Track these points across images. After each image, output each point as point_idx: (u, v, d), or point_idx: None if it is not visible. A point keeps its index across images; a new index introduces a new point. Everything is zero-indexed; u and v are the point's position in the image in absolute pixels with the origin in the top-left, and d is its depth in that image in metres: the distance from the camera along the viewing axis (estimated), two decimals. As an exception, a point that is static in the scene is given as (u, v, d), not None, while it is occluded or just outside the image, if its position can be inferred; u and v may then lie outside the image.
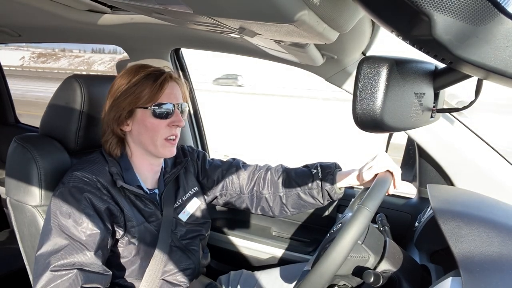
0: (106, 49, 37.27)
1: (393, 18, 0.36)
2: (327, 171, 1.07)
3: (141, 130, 0.97)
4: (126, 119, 0.97)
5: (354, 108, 0.49)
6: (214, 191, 1.20)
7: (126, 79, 0.96)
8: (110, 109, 0.97)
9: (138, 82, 0.95)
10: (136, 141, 1.01)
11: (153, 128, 0.96)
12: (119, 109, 0.96)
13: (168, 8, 0.56)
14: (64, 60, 34.34)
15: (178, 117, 0.99)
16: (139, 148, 1.01)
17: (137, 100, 0.95)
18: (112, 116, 0.97)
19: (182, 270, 1.08)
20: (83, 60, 34.94)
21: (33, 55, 35.70)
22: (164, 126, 0.97)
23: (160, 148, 0.99)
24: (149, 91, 0.94)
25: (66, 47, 35.77)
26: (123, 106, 0.95)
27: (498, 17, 0.32)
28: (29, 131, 2.20)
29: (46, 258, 0.85)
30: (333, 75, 1.21)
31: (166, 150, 1.00)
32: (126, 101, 0.95)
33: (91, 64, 34.56)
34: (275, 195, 1.13)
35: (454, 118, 1.12)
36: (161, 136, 0.98)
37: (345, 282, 0.83)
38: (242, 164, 1.21)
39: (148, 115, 0.96)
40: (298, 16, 0.45)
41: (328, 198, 1.08)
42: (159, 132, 0.97)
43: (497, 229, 0.75)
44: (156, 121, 0.96)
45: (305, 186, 1.09)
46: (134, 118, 0.97)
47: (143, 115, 0.96)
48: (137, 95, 0.94)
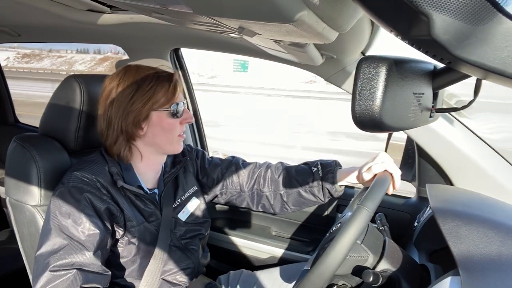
0: (91, 50, 37.60)
1: (392, 18, 0.36)
2: (327, 169, 1.08)
3: (157, 131, 0.99)
4: (142, 123, 0.98)
5: (353, 108, 0.49)
6: (214, 190, 1.20)
7: (132, 83, 0.96)
8: (125, 115, 0.96)
9: (153, 85, 0.96)
10: (149, 143, 1.01)
11: (170, 128, 1.00)
12: (138, 114, 0.96)
13: (168, 8, 0.56)
14: (47, 60, 34.54)
15: (188, 114, 1.04)
16: (150, 149, 1.02)
17: (155, 103, 0.96)
18: (130, 121, 0.96)
19: (182, 269, 1.08)
20: (65, 60, 35.19)
21: (17, 55, 35.70)
22: (178, 125, 1.01)
23: (176, 144, 1.03)
24: (165, 93, 0.97)
25: (53, 47, 35.89)
26: (141, 110, 0.96)
27: (497, 17, 0.32)
28: (28, 131, 2.20)
29: (46, 258, 0.85)
30: (333, 74, 1.21)
31: (180, 146, 1.05)
32: (145, 106, 0.95)
33: (72, 63, 34.83)
34: (276, 193, 1.14)
35: (453, 117, 1.12)
36: (175, 134, 1.01)
37: (345, 282, 0.83)
38: (241, 162, 1.22)
39: (165, 116, 0.98)
40: (298, 16, 0.45)
41: (329, 195, 1.09)
42: (175, 130, 1.01)
43: (496, 229, 0.75)
44: (172, 120, 0.99)
45: (305, 184, 1.09)
46: (149, 121, 0.98)
47: (159, 116, 0.98)
48: (155, 99, 0.96)
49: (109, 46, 31.51)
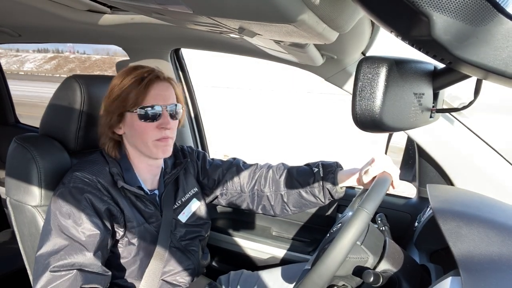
0: (50, 49, 37.95)
1: (393, 18, 0.36)
2: (328, 170, 1.07)
3: (132, 133, 0.97)
4: (117, 123, 0.97)
5: (353, 108, 0.49)
6: (215, 191, 1.20)
7: (118, 82, 0.96)
8: (104, 113, 0.98)
9: (126, 85, 0.94)
10: (130, 143, 1.01)
11: (141, 131, 0.95)
12: (109, 113, 0.96)
13: (168, 8, 0.56)
14: (4, 59, 35.11)
15: (166, 120, 0.96)
16: (135, 150, 1.01)
17: (124, 103, 0.94)
18: (103, 120, 0.97)
19: (182, 270, 1.08)
20: (18, 59, 35.72)
21: (-24, 54, 36.27)
22: (153, 129, 0.95)
23: (153, 148, 0.97)
24: (134, 94, 0.93)
25: (21, 47, 36.19)
26: (112, 110, 0.95)
27: (498, 17, 0.32)
28: (29, 131, 2.20)
29: (46, 259, 0.85)
30: (333, 75, 1.21)
31: (159, 151, 0.98)
32: (114, 105, 0.95)
33: (24, 62, 35.55)
34: (277, 193, 1.13)
35: (454, 118, 1.12)
36: (150, 138, 0.96)
37: (345, 283, 0.83)
38: (242, 163, 1.22)
39: (135, 119, 0.95)
40: (298, 16, 0.45)
41: (330, 197, 1.08)
42: (148, 134, 0.95)
43: (496, 229, 0.75)
44: (143, 124, 0.95)
45: (306, 184, 1.08)
46: (125, 122, 0.97)
47: (131, 118, 0.95)
48: (123, 98, 0.94)
49: (67, 46, 31.76)
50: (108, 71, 31.91)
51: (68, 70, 32.88)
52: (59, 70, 32.32)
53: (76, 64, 34.94)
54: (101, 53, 36.86)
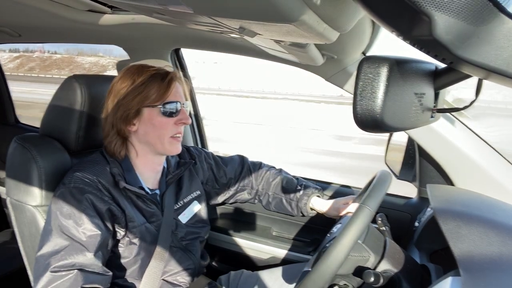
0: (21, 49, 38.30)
1: (394, 18, 0.36)
2: (306, 193, 1.23)
3: (148, 129, 0.98)
4: (132, 119, 0.97)
5: (354, 108, 0.49)
6: (231, 188, 1.31)
7: (129, 79, 0.96)
8: (116, 109, 0.97)
9: (145, 81, 0.96)
10: (142, 141, 1.01)
11: (161, 126, 0.98)
12: (127, 109, 0.96)
13: (169, 8, 0.56)
14: None
15: (184, 115, 1.01)
16: (145, 148, 1.01)
17: (145, 99, 0.96)
18: (119, 115, 0.97)
19: (182, 270, 1.08)
20: None
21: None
22: (171, 124, 0.99)
23: (168, 145, 1.00)
24: (157, 90, 0.96)
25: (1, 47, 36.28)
26: (131, 105, 0.96)
27: (499, 17, 0.32)
28: (29, 131, 2.20)
29: (47, 259, 0.85)
30: (333, 75, 1.21)
31: (173, 147, 1.01)
32: (134, 100, 0.95)
33: None
34: (266, 192, 1.31)
35: (455, 118, 1.12)
36: (168, 134, 0.99)
37: (346, 282, 0.83)
38: (251, 162, 1.35)
39: (156, 114, 0.97)
40: (298, 16, 0.45)
41: (301, 213, 1.25)
42: (166, 130, 0.99)
43: (497, 229, 0.75)
44: (164, 119, 0.98)
45: (288, 196, 1.27)
46: (140, 118, 0.98)
47: (151, 113, 0.97)
48: (145, 94, 0.95)
49: (37, 46, 31.82)
50: (65, 69, 31.92)
51: (28, 68, 33.13)
52: (21, 69, 32.47)
53: (37, 63, 35.06)
54: (71, 53, 36.83)
